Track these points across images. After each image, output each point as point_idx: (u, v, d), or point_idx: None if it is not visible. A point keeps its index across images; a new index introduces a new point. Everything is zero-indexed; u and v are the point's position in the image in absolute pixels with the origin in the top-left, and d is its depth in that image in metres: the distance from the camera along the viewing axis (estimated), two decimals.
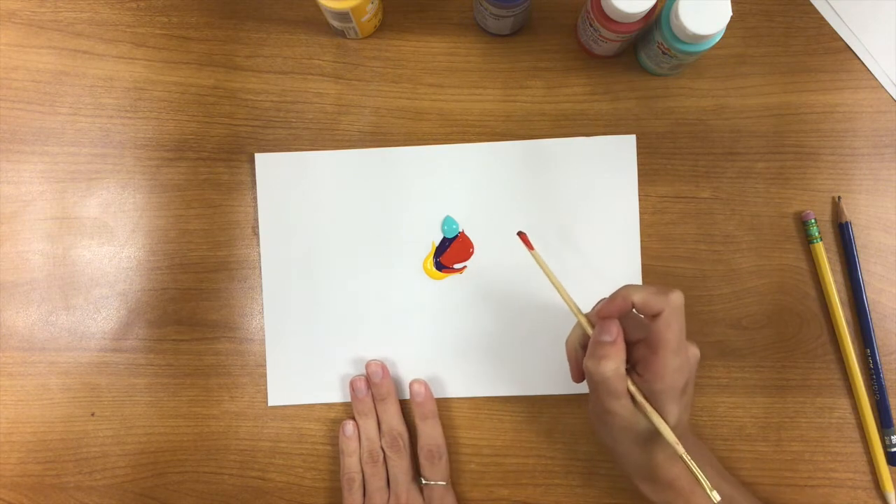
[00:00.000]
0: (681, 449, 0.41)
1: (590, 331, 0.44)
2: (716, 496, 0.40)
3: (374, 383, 0.53)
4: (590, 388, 0.44)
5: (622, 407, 0.42)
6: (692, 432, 0.47)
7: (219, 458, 0.54)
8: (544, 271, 0.46)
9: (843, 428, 0.53)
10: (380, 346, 0.54)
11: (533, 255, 0.47)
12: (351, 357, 0.54)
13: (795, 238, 0.53)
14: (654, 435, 0.42)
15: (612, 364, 0.41)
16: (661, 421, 0.42)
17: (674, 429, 0.42)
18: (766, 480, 0.53)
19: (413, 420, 0.53)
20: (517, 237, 0.47)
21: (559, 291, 0.45)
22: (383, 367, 0.53)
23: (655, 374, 0.41)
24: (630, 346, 0.43)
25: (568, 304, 0.45)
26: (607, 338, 0.42)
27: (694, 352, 0.43)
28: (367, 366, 0.53)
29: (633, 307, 0.42)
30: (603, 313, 0.43)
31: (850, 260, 0.52)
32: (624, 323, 0.43)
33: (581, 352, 0.45)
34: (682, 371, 0.41)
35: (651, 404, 0.42)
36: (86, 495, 0.54)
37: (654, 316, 0.41)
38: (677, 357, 0.41)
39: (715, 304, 0.53)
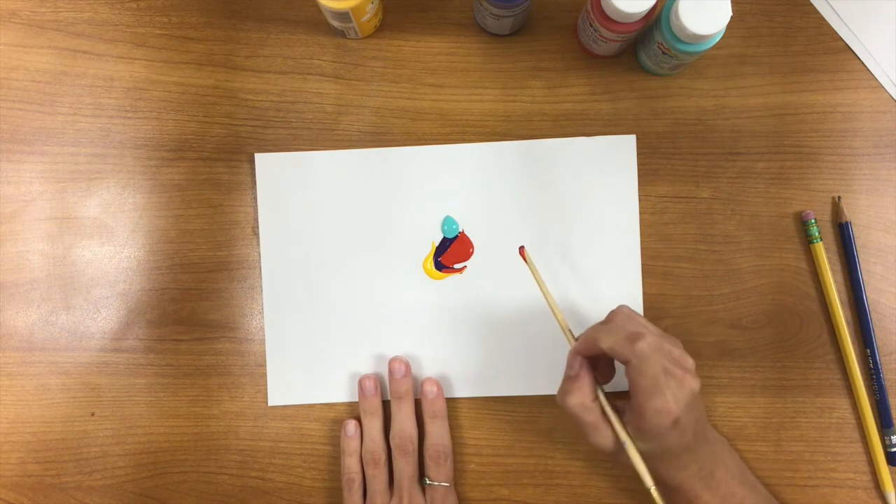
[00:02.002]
0: (650, 484, 0.42)
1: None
2: None
3: (394, 380, 0.52)
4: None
5: (603, 437, 0.44)
6: (710, 431, 0.47)
7: (219, 458, 0.54)
8: (541, 289, 0.47)
9: (843, 428, 0.53)
10: (380, 345, 0.54)
11: (531, 270, 0.48)
12: (351, 357, 0.54)
13: (795, 238, 0.53)
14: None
15: (575, 399, 0.43)
16: (639, 461, 0.43)
17: (663, 454, 0.42)
18: (766, 480, 0.53)
19: (422, 419, 0.53)
20: (518, 253, 0.49)
21: (553, 312, 0.47)
22: (407, 365, 0.53)
23: (637, 414, 0.42)
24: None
25: (561, 326, 0.46)
26: (570, 373, 0.44)
27: (689, 385, 0.42)
28: (391, 362, 0.53)
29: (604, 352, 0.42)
30: (578, 351, 0.44)
31: (850, 260, 0.52)
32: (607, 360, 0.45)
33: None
34: (666, 412, 0.41)
35: (638, 438, 0.43)
36: (86, 495, 0.54)
37: (625, 362, 0.42)
38: (657, 399, 0.41)
39: (715, 304, 0.53)
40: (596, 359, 0.45)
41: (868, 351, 0.52)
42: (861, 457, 0.53)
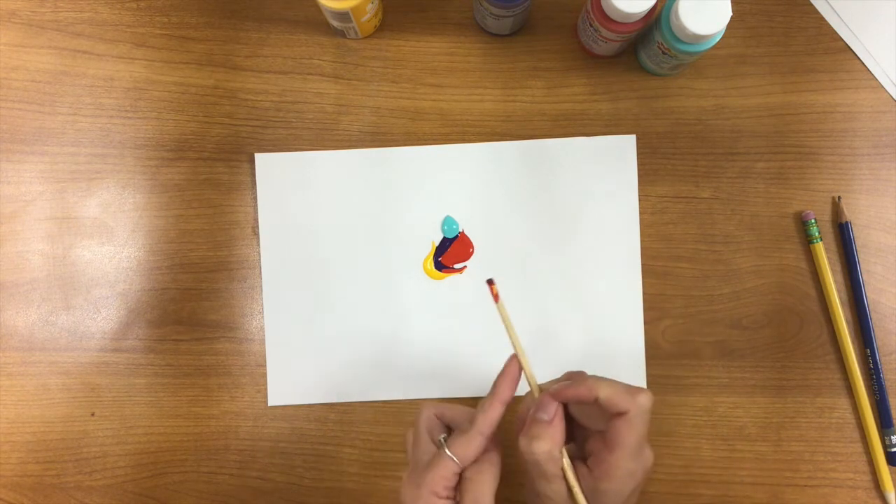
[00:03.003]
0: None
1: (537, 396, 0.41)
2: None
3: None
4: (524, 465, 0.41)
5: (554, 492, 0.39)
6: None
7: (219, 458, 0.54)
8: (507, 329, 0.42)
9: (843, 428, 0.53)
10: (379, 345, 0.54)
11: (498, 307, 0.42)
12: (350, 357, 0.54)
13: (795, 238, 0.53)
14: None
15: (545, 446, 0.39)
16: None
17: None
18: (766, 480, 0.53)
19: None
20: (486, 284, 0.42)
21: (516, 350, 0.42)
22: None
23: (605, 473, 0.38)
24: (587, 434, 0.41)
25: (524, 368, 0.42)
26: (543, 416, 0.40)
27: (649, 455, 0.40)
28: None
29: (598, 401, 0.39)
30: (561, 396, 0.40)
31: (850, 260, 0.52)
32: (587, 409, 0.40)
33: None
34: (634, 476, 0.39)
35: (591, 502, 0.39)
36: (86, 495, 0.54)
37: (618, 414, 0.38)
38: (633, 461, 0.38)
39: (715, 304, 0.53)
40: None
41: (868, 351, 0.52)
42: (861, 457, 0.53)
